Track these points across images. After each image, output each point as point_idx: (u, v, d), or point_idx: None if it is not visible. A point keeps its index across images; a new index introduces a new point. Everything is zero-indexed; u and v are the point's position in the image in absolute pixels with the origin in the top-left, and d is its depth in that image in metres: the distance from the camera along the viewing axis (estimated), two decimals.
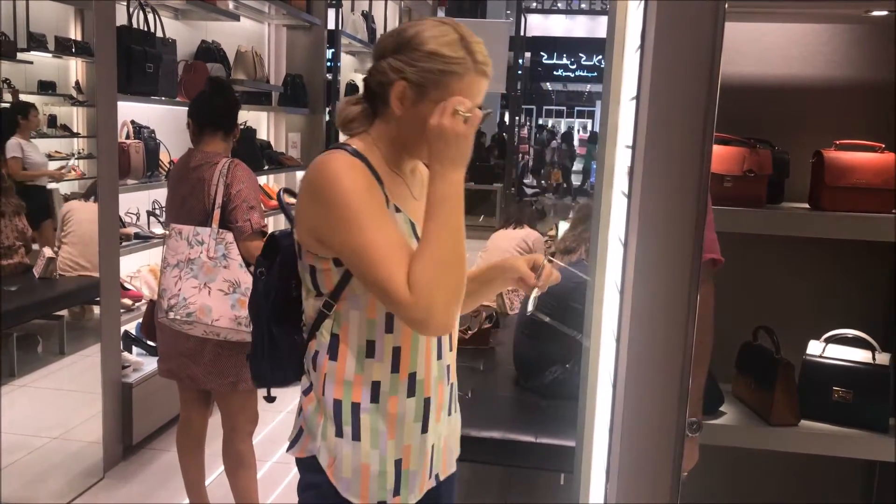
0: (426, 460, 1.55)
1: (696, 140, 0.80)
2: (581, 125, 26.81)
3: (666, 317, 0.82)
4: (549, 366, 3.14)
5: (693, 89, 0.82)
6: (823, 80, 2.15)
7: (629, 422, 0.87)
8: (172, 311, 2.59)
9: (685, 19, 0.84)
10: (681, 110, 0.82)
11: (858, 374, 1.98)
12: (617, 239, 1.68)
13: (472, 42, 1.46)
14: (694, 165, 0.80)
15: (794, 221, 1.98)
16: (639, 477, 0.91)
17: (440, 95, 1.42)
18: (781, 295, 2.21)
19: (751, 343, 2.09)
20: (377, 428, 1.48)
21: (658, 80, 0.85)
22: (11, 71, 3.76)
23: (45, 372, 4.06)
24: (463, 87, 1.43)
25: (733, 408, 2.06)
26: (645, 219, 0.83)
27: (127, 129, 4.08)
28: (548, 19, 20.98)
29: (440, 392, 1.56)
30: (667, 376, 0.81)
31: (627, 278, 0.89)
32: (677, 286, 0.81)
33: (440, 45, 1.42)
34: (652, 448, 0.87)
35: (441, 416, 1.58)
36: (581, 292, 3.17)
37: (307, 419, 1.52)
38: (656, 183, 0.83)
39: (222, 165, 2.73)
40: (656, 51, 0.85)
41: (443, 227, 1.37)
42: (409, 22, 1.51)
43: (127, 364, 3.83)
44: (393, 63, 1.44)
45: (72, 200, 4.01)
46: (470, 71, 1.44)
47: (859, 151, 1.99)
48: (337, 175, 1.39)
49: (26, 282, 3.75)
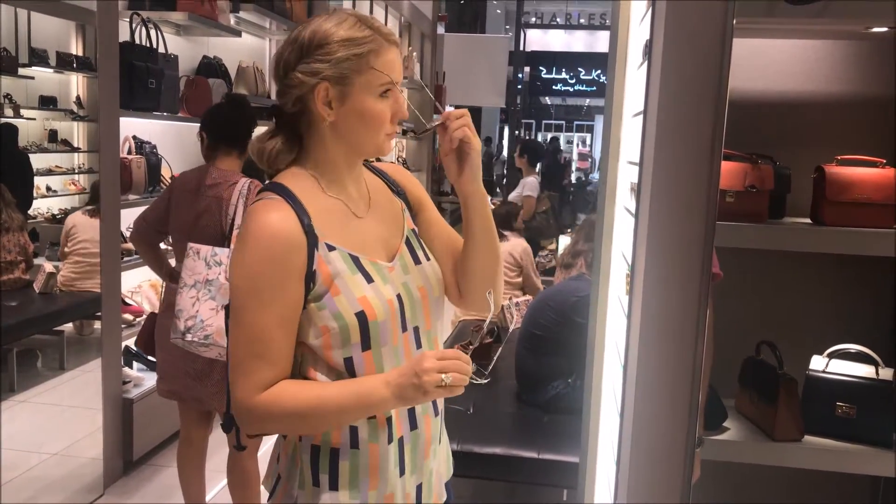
0: (409, 502, 1.48)
1: (705, 159, 0.81)
2: (580, 139, 26.84)
3: (675, 337, 0.82)
4: (551, 380, 3.14)
5: (701, 107, 0.82)
6: (824, 96, 2.16)
7: (638, 442, 0.87)
8: (189, 333, 2.53)
9: (692, 37, 0.85)
10: (689, 129, 0.82)
11: (862, 390, 1.98)
12: (620, 254, 1.68)
13: (370, 18, 1.41)
14: (702, 184, 0.80)
15: (795, 236, 1.98)
16: (649, 495, 0.91)
17: (365, 80, 1.36)
18: (784, 310, 2.21)
19: (753, 358, 2.09)
20: (357, 477, 1.41)
21: (666, 98, 0.85)
22: (13, 86, 3.77)
23: (45, 387, 4.05)
24: (382, 63, 1.37)
25: (737, 423, 2.05)
26: (653, 239, 0.83)
27: (129, 144, 4.09)
28: (547, 34, 21.06)
29: (427, 426, 1.48)
30: (676, 396, 0.81)
31: (636, 298, 0.89)
32: (687, 306, 0.81)
33: (346, 31, 1.36)
34: (662, 467, 0.87)
35: (430, 451, 1.50)
36: (583, 307, 3.17)
37: (284, 466, 1.46)
38: (664, 202, 0.83)
39: (241, 186, 2.71)
40: (664, 68, 0.85)
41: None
42: (295, 30, 1.42)
43: (128, 379, 3.82)
44: (304, 70, 1.35)
45: (75, 214, 4.01)
46: (383, 44, 1.38)
47: (860, 167, 1.99)
48: (245, 240, 1.34)
49: (26, 297, 3.74)
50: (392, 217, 1.52)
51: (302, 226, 1.34)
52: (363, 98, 1.36)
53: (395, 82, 1.39)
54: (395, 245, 1.49)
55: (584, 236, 4.35)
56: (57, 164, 4.17)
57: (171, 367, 2.81)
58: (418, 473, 1.48)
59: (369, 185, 1.52)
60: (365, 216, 1.47)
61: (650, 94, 0.96)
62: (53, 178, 4.19)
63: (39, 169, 4.06)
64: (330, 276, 1.36)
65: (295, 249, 1.33)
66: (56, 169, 4.16)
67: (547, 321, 3.20)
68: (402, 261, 1.47)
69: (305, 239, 1.34)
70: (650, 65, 1.02)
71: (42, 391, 4.00)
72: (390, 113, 1.40)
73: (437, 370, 1.26)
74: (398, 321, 1.41)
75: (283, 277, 1.32)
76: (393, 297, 1.41)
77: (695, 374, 0.83)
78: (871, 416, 1.96)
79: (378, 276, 1.41)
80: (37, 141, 4.01)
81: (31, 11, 3.75)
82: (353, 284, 1.36)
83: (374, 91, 1.37)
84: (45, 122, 4.05)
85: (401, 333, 1.42)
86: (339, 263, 1.37)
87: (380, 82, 1.37)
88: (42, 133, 4.06)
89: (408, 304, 1.44)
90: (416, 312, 1.46)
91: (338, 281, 1.36)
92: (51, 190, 4.16)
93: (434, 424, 1.50)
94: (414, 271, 1.48)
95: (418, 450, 1.47)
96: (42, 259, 3.93)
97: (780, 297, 2.22)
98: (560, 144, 20.47)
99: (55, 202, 4.20)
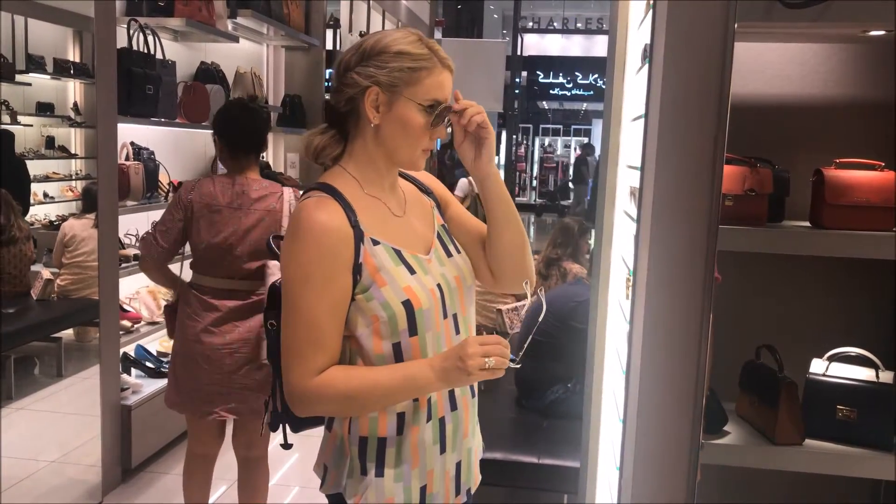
0: (447, 481, 1.57)
1: (707, 163, 0.80)
2: (578, 143, 26.87)
3: (679, 342, 0.82)
4: (551, 385, 3.13)
5: (703, 111, 0.82)
6: (822, 99, 2.16)
7: (642, 447, 0.86)
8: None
9: (693, 40, 0.84)
10: (691, 133, 0.82)
11: (862, 393, 1.97)
12: (620, 258, 1.67)
13: (432, 41, 1.51)
14: (704, 189, 0.80)
15: (795, 240, 1.97)
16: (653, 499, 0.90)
17: (413, 93, 1.47)
18: (783, 313, 2.21)
19: (753, 362, 2.08)
20: (401, 460, 1.50)
21: (667, 103, 0.85)
22: (10, 93, 3.76)
23: (42, 394, 4.03)
24: (433, 82, 1.48)
25: (737, 427, 2.05)
26: (656, 244, 0.83)
27: (126, 150, 4.08)
28: (544, 38, 21.08)
29: (465, 407, 1.59)
30: (681, 401, 0.81)
31: (638, 302, 0.88)
32: (690, 310, 0.81)
33: (405, 45, 1.48)
34: (666, 471, 0.87)
35: (469, 429, 1.61)
36: (582, 312, 3.16)
37: (331, 456, 1.55)
38: (667, 207, 0.82)
39: (289, 196, 2.72)
40: (665, 72, 0.85)
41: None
42: (364, 36, 1.57)
43: (126, 386, 3.81)
44: (361, 72, 1.48)
45: (70, 221, 4.00)
46: (437, 65, 1.49)
47: (859, 170, 1.99)
48: (297, 234, 1.45)
49: (24, 303, 3.73)
50: (423, 214, 1.63)
51: (349, 221, 1.45)
52: (408, 108, 1.47)
53: (441, 101, 1.49)
54: (430, 240, 1.60)
55: (554, 243, 4.33)
56: (54, 171, 4.17)
57: (220, 385, 2.72)
58: (458, 451, 1.58)
59: (402, 187, 1.64)
60: (402, 215, 1.58)
61: (651, 97, 0.96)
62: (51, 184, 4.19)
63: (37, 175, 4.06)
64: (376, 268, 1.46)
65: (344, 242, 1.44)
66: (53, 175, 4.16)
67: (546, 326, 3.19)
68: (437, 254, 1.58)
69: (353, 233, 1.45)
70: (651, 68, 1.02)
71: (40, 398, 3.99)
72: (431, 130, 1.50)
73: (481, 354, 1.37)
74: (440, 308, 1.52)
75: (333, 268, 1.43)
76: (434, 287, 1.52)
77: (699, 377, 0.83)
78: (871, 420, 1.95)
79: (419, 268, 1.51)
80: (34, 147, 4.00)
81: (29, 18, 3.75)
82: (398, 276, 1.47)
83: (419, 105, 1.47)
84: (42, 128, 4.05)
85: (442, 320, 1.53)
86: (384, 256, 1.48)
87: (426, 97, 1.47)
88: (39, 139, 4.05)
89: (447, 292, 1.55)
90: (454, 300, 1.57)
91: (383, 273, 1.46)
92: (48, 196, 4.15)
93: (472, 405, 1.62)
94: (448, 263, 1.59)
95: (459, 430, 1.57)
96: (40, 266, 3.92)
97: (779, 300, 2.21)
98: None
99: (52, 209, 4.20)
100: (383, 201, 1.56)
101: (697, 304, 0.86)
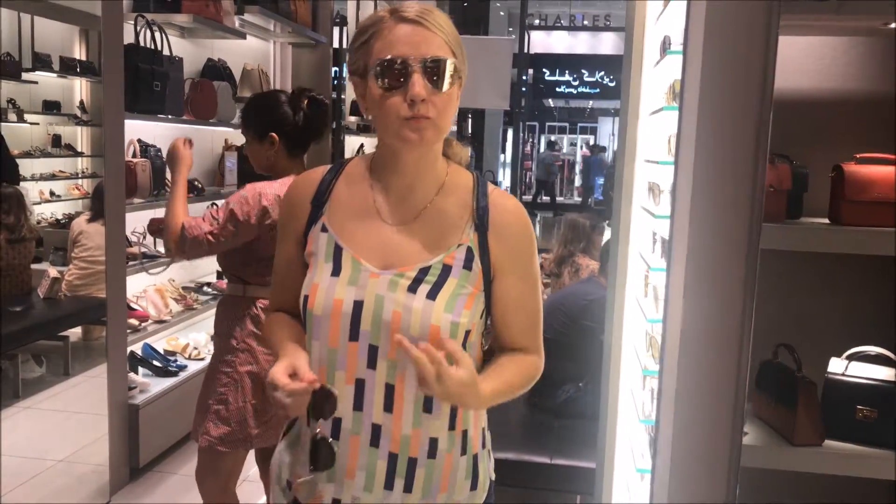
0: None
1: (749, 158, 0.77)
2: (584, 141, 26.80)
3: (719, 342, 0.79)
4: (562, 384, 3.10)
5: (746, 105, 0.79)
6: (841, 94, 2.13)
7: (680, 449, 0.84)
8: None
9: (735, 34, 0.81)
10: (732, 128, 0.79)
11: (882, 393, 1.94)
12: (637, 255, 1.64)
13: (401, 3, 1.36)
14: (747, 184, 0.77)
15: (814, 236, 1.94)
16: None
17: (372, 65, 1.33)
18: (801, 311, 2.17)
19: (771, 361, 2.05)
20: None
21: (707, 97, 0.82)
22: (16, 91, 3.76)
23: (49, 393, 4.03)
24: (383, 44, 1.33)
25: (754, 427, 2.01)
26: (694, 241, 0.80)
27: (133, 147, 4.07)
28: (550, 36, 21.03)
29: (353, 447, 1.39)
30: (721, 402, 0.78)
31: (673, 301, 0.85)
32: (731, 310, 0.78)
33: (362, 24, 1.39)
34: (704, 473, 0.84)
35: (355, 473, 1.40)
36: (593, 310, 3.13)
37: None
38: (707, 203, 0.79)
39: None
40: (704, 67, 0.81)
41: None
42: None
43: (133, 385, 3.79)
44: (349, 69, 1.43)
45: (80, 219, 3.98)
46: (387, 22, 1.33)
47: (879, 165, 1.96)
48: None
49: (30, 302, 3.72)
50: (431, 244, 1.40)
51: (313, 198, 1.46)
52: (372, 84, 1.34)
53: (393, 58, 1.31)
54: (407, 262, 1.39)
55: (565, 240, 4.32)
56: (60, 169, 4.15)
57: (272, 408, 2.48)
58: (345, 492, 1.40)
59: (438, 206, 1.43)
60: (391, 223, 1.42)
61: (687, 92, 0.92)
62: (57, 182, 4.18)
63: (43, 173, 4.05)
64: (310, 252, 1.44)
65: (298, 213, 1.47)
66: (60, 173, 4.15)
67: (558, 325, 3.16)
68: (398, 278, 1.37)
69: (310, 210, 1.45)
70: (686, 63, 0.98)
71: (47, 397, 3.98)
72: (388, 94, 1.32)
73: (284, 394, 1.30)
74: (345, 326, 1.35)
75: (284, 232, 1.51)
76: (350, 301, 1.35)
77: (739, 378, 0.80)
78: (892, 420, 1.92)
79: (351, 275, 1.37)
80: (40, 146, 3.99)
81: (35, 16, 3.73)
82: (318, 269, 1.40)
83: (373, 74, 1.33)
84: (48, 126, 4.04)
85: (346, 340, 1.36)
86: (321, 245, 1.42)
87: (377, 62, 1.32)
88: (46, 138, 4.04)
89: (369, 317, 1.35)
90: (378, 332, 1.36)
91: (312, 260, 1.43)
92: (54, 195, 4.14)
93: (365, 452, 1.39)
94: (403, 296, 1.36)
95: (342, 465, 1.39)
96: (46, 264, 3.91)
97: (796, 298, 2.18)
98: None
99: (59, 207, 4.18)
100: (377, 199, 1.42)
101: (738, 303, 0.83)
